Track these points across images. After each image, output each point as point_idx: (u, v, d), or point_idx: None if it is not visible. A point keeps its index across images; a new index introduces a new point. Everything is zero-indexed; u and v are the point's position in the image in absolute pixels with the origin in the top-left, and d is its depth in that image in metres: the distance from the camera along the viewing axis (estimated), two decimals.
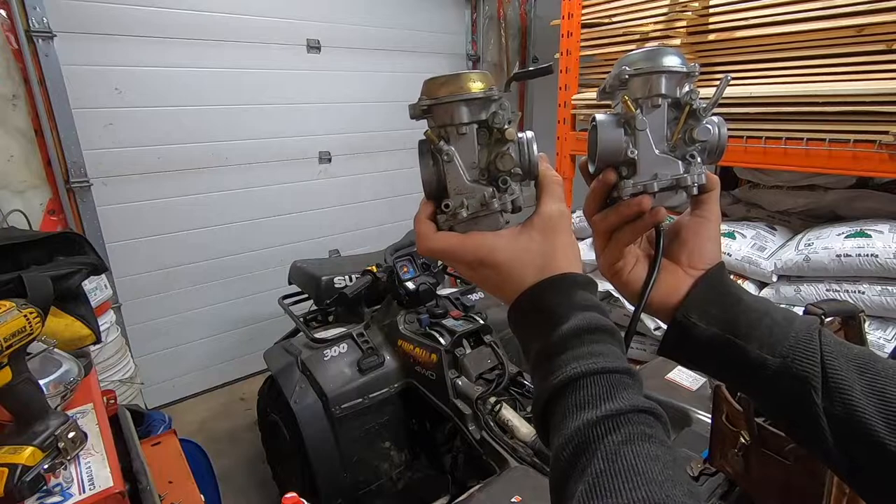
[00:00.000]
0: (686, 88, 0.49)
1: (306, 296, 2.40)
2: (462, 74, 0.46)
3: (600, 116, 0.51)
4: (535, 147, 0.48)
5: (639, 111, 0.48)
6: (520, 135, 0.47)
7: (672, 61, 0.48)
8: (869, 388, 0.40)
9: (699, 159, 0.49)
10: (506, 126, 0.45)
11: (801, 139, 1.59)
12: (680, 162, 0.49)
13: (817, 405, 0.40)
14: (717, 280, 0.47)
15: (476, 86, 0.45)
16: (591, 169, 0.54)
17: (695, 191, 0.49)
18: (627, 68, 0.49)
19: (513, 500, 1.02)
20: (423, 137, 0.49)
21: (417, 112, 0.50)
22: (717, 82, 0.49)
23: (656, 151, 0.49)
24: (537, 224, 0.47)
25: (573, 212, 2.41)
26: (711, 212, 0.50)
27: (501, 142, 0.46)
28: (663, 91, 0.48)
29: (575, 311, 0.41)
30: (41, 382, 0.97)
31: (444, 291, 2.13)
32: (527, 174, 0.49)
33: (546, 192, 0.49)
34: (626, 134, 0.49)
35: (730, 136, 1.81)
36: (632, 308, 0.51)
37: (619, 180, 0.50)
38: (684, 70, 0.48)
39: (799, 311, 0.92)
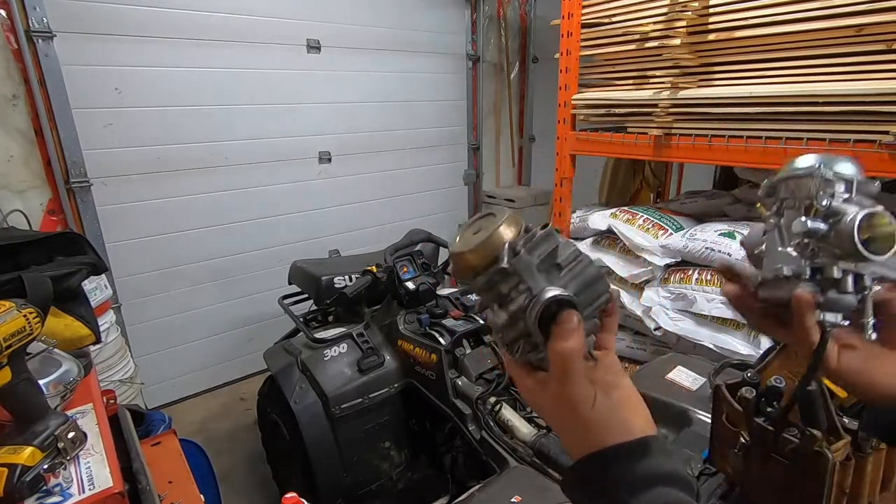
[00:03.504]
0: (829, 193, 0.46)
1: (306, 296, 2.40)
2: (485, 243, 0.44)
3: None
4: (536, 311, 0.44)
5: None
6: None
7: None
8: None
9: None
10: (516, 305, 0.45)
11: (801, 139, 1.59)
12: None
13: None
14: None
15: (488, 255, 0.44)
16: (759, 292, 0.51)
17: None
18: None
19: (513, 500, 1.02)
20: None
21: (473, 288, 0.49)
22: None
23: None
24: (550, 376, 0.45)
25: (573, 211, 2.41)
26: None
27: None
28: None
29: (639, 492, 0.39)
30: (41, 382, 0.97)
31: (444, 291, 2.13)
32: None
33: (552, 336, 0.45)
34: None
35: (730, 136, 1.80)
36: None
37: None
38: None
39: None
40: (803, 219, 0.45)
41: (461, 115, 3.92)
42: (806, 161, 0.48)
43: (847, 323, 0.46)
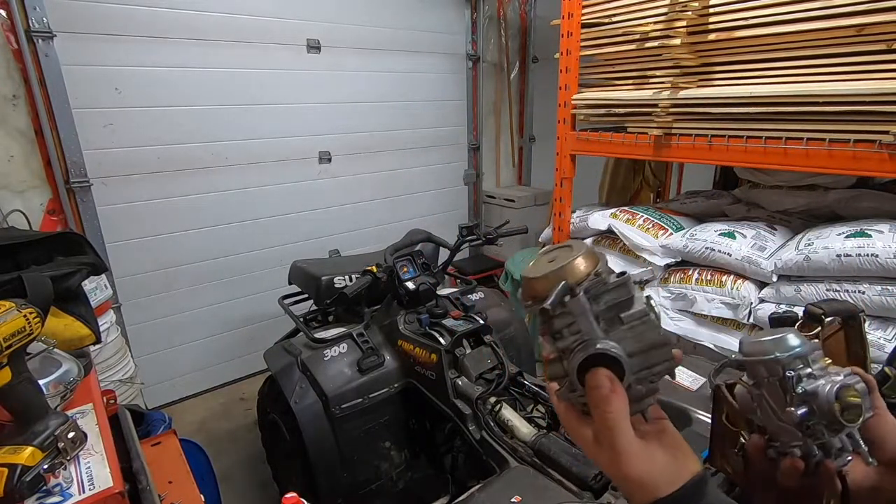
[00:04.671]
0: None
1: (306, 296, 2.40)
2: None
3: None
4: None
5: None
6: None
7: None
8: None
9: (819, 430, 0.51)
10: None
11: (801, 139, 1.59)
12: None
13: None
14: None
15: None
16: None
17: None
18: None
19: (513, 500, 1.02)
20: None
21: None
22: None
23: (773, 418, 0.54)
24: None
25: (573, 211, 2.41)
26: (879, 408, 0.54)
27: None
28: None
29: None
30: (41, 382, 0.97)
31: (444, 291, 2.13)
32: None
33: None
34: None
35: (730, 136, 1.80)
36: None
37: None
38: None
39: (799, 311, 0.92)
40: (797, 411, 0.50)
41: (461, 115, 3.92)
42: (762, 347, 0.53)
43: (850, 459, 0.53)
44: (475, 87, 3.91)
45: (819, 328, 0.86)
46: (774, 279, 1.75)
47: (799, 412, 0.50)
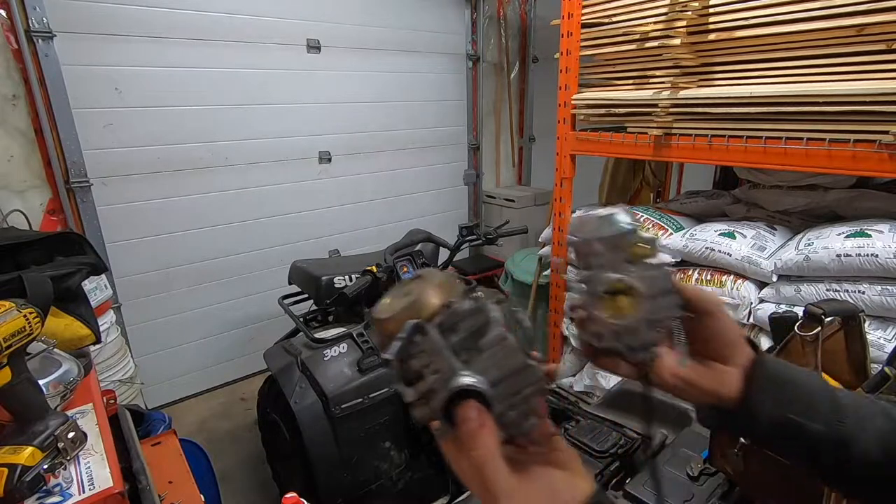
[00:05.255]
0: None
1: (306, 296, 2.40)
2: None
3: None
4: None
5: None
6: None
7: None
8: (874, 428, 0.48)
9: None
10: None
11: (801, 139, 1.59)
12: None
13: (850, 458, 0.48)
14: (773, 366, 0.51)
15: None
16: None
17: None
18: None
19: None
20: None
21: None
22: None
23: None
24: None
25: (573, 211, 2.41)
26: (713, 312, 0.51)
27: None
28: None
29: None
30: (41, 382, 0.97)
31: None
32: None
33: None
34: None
35: (730, 136, 1.80)
36: None
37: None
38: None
39: (799, 310, 0.92)
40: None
41: (461, 115, 3.92)
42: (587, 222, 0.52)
43: (657, 353, 0.51)
44: (475, 87, 3.91)
45: (819, 328, 0.86)
46: (774, 279, 1.75)
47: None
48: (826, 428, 0.48)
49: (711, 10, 1.75)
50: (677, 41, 1.82)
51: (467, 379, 0.39)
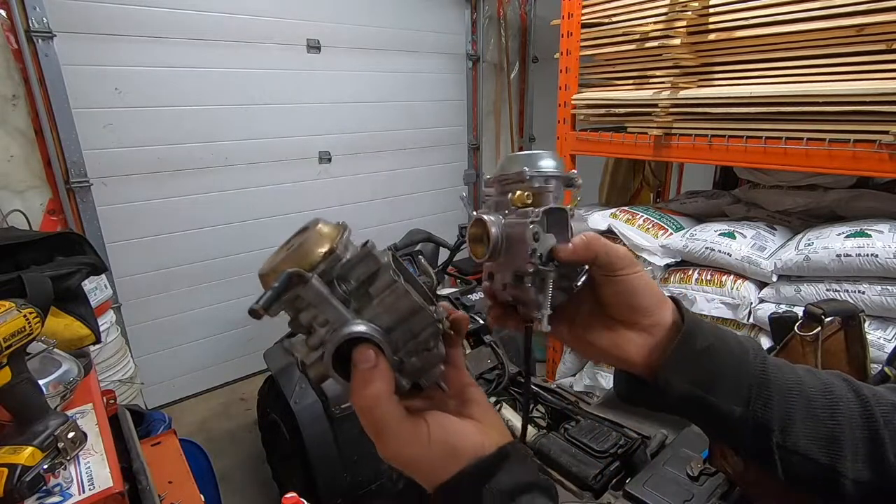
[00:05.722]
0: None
1: None
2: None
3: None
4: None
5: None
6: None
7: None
8: (805, 412, 0.43)
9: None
10: None
11: (801, 139, 1.59)
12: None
13: (772, 443, 0.43)
14: (690, 338, 0.45)
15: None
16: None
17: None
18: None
19: None
20: None
21: None
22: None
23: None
24: None
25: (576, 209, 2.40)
26: (615, 274, 0.46)
27: None
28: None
29: None
30: (41, 382, 0.97)
31: (444, 291, 2.13)
32: None
33: None
34: None
35: (730, 136, 1.80)
36: None
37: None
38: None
39: (799, 310, 0.92)
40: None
41: (461, 115, 3.92)
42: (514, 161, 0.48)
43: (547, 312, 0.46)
44: (475, 87, 3.91)
45: (819, 328, 0.86)
46: (774, 279, 1.75)
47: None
48: (743, 410, 0.43)
49: (711, 10, 1.75)
50: (677, 41, 1.82)
51: (357, 327, 0.37)
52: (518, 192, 0.45)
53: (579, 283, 0.48)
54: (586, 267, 0.47)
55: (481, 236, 0.47)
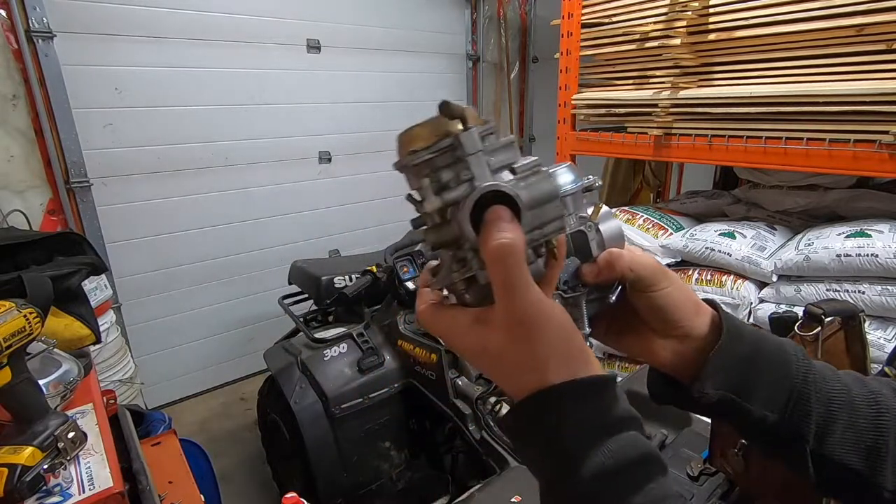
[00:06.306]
0: None
1: (306, 296, 2.40)
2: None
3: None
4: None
5: None
6: None
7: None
8: (848, 421, 0.42)
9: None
10: None
11: (801, 139, 1.59)
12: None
13: (806, 451, 0.42)
14: (729, 347, 0.44)
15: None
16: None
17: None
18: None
19: (513, 500, 1.02)
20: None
21: None
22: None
23: None
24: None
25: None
26: (645, 289, 0.45)
27: None
28: None
29: (611, 433, 0.34)
30: (41, 382, 0.97)
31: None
32: None
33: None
34: None
35: (730, 136, 1.80)
36: None
37: None
38: None
39: (799, 311, 0.92)
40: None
41: None
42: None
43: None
44: (475, 87, 3.91)
45: (819, 328, 0.86)
46: (774, 279, 1.75)
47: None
48: (779, 416, 0.42)
49: (711, 10, 1.75)
50: (677, 41, 1.82)
51: (504, 185, 0.35)
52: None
53: (613, 298, 0.47)
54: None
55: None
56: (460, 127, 0.36)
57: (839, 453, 0.42)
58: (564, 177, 0.45)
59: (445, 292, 0.40)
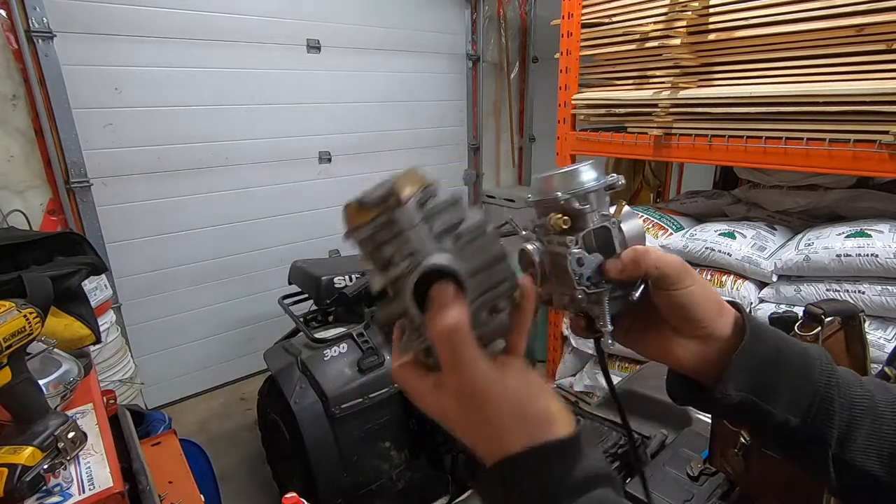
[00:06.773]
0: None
1: (306, 296, 2.40)
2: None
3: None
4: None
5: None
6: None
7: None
8: (871, 428, 0.42)
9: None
10: None
11: (801, 139, 1.59)
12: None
13: (829, 455, 0.42)
14: (751, 350, 0.44)
15: None
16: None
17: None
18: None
19: None
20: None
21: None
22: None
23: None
24: None
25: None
26: (668, 287, 0.45)
27: None
28: None
29: (576, 496, 0.34)
30: (41, 382, 0.97)
31: None
32: None
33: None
34: None
35: (730, 136, 1.80)
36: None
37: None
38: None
39: (799, 310, 0.92)
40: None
41: (461, 115, 3.92)
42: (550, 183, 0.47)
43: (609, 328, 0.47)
44: (475, 87, 3.91)
45: (819, 328, 0.86)
46: (774, 279, 1.75)
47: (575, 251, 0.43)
48: (801, 420, 0.42)
49: (711, 10, 1.75)
50: (677, 41, 1.82)
51: (444, 260, 0.35)
52: (554, 219, 0.44)
53: (637, 295, 0.47)
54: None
55: (529, 263, 0.47)
56: (406, 193, 0.36)
57: (861, 459, 0.42)
58: (587, 174, 0.46)
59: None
